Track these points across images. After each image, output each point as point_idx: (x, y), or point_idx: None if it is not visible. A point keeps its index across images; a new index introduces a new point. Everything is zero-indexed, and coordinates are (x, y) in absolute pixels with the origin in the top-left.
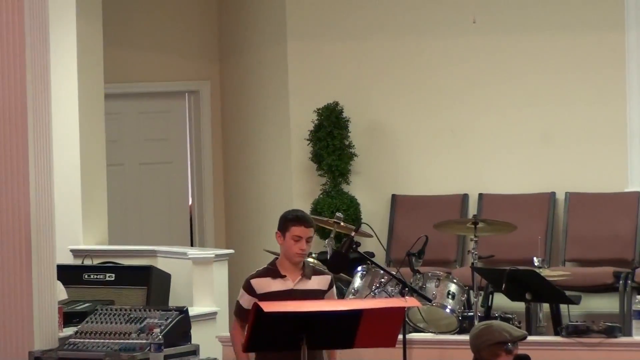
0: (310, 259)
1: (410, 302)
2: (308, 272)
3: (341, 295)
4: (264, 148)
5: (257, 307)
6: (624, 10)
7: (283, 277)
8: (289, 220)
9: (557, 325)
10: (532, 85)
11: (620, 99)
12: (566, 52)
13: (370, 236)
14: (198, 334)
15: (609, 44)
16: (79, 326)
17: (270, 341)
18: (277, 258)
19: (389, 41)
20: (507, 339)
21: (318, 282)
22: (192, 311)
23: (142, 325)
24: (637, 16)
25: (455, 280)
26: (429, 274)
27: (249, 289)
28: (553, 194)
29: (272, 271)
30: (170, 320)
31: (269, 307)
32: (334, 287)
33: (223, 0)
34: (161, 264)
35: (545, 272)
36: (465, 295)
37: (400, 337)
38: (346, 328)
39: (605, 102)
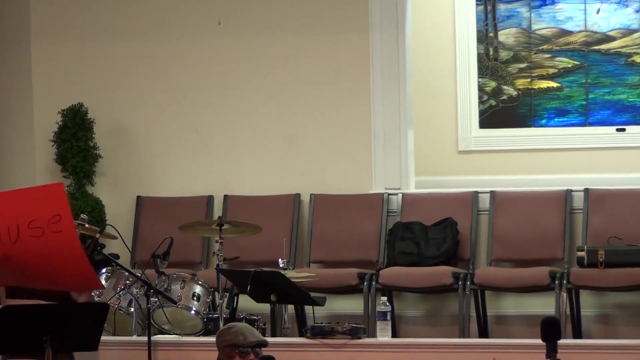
0: None
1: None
2: None
3: None
4: (7, 149)
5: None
6: (368, 13)
7: None
8: None
9: (302, 327)
10: (277, 87)
11: (364, 101)
12: (311, 53)
13: (115, 238)
14: None
15: (353, 46)
16: None
17: (13, 343)
18: None
19: (133, 42)
20: (241, 342)
21: None
22: None
23: None
24: (381, 19)
25: (200, 282)
26: (174, 275)
27: None
28: (298, 195)
29: None
30: None
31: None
32: None
33: None
34: None
35: (290, 274)
36: (211, 296)
37: (145, 339)
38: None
39: (350, 104)
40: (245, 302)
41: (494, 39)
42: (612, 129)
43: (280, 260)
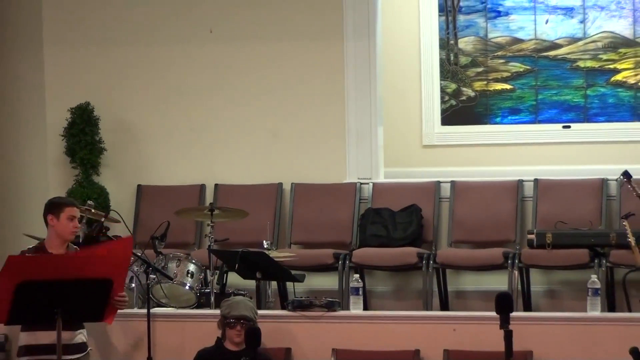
0: None
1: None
2: (71, 252)
3: None
4: (21, 143)
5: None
6: (342, 23)
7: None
8: (63, 203)
9: (284, 301)
10: (262, 88)
11: (339, 101)
12: (292, 58)
13: (118, 222)
14: None
15: (329, 52)
16: None
17: (28, 314)
18: (42, 241)
19: (135, 47)
20: (226, 315)
21: None
22: None
23: None
24: (354, 28)
25: (193, 261)
26: (171, 255)
27: None
28: (280, 184)
29: (40, 250)
30: None
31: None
32: None
33: None
34: None
35: (274, 254)
36: (203, 274)
37: (145, 311)
38: (98, 298)
39: (327, 103)
40: (233, 278)
41: (455, 46)
42: (559, 126)
43: (264, 241)
